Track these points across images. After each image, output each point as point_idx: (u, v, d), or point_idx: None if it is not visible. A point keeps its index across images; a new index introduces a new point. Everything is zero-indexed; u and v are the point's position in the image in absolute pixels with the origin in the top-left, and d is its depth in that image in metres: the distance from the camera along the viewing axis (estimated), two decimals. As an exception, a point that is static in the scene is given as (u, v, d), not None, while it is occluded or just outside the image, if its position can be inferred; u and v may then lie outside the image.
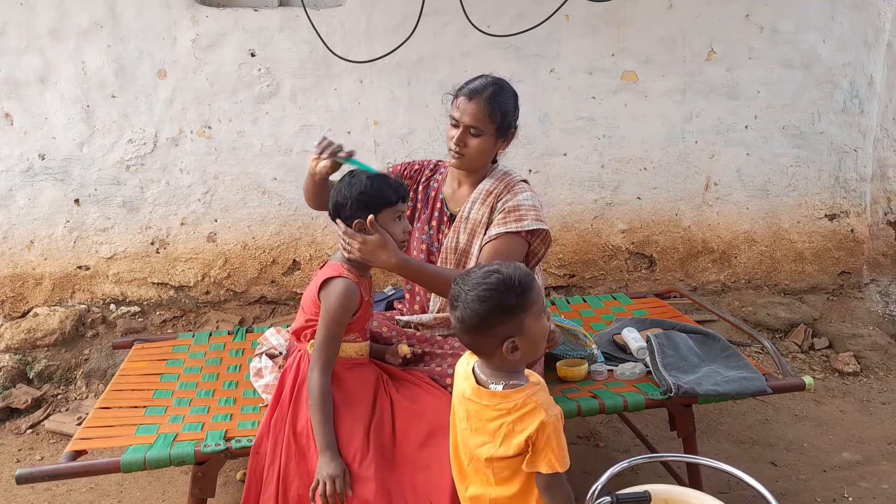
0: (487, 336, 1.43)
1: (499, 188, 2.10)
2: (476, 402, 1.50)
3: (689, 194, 3.66)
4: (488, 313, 1.41)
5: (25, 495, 2.49)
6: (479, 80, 2.04)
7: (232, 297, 3.49)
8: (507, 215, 2.04)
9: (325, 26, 3.14)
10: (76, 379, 3.22)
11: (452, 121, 2.03)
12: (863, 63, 3.60)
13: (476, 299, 1.42)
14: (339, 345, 1.81)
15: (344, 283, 1.79)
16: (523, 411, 1.43)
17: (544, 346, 1.52)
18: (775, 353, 2.34)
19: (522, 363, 1.50)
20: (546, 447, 1.41)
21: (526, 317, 1.43)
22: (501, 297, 1.41)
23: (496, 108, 1.99)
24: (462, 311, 1.44)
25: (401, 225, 1.88)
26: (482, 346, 1.47)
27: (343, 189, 1.85)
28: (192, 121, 3.26)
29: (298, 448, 1.78)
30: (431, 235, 2.20)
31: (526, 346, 1.44)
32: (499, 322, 1.42)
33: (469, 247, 2.10)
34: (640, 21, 3.40)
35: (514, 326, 1.42)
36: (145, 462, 1.85)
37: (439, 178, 2.23)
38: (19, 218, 3.29)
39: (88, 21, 3.10)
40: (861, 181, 3.77)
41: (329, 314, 1.78)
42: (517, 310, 1.42)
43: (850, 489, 2.49)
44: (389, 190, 1.85)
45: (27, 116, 3.18)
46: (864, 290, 3.84)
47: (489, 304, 1.41)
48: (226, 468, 2.39)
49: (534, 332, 1.45)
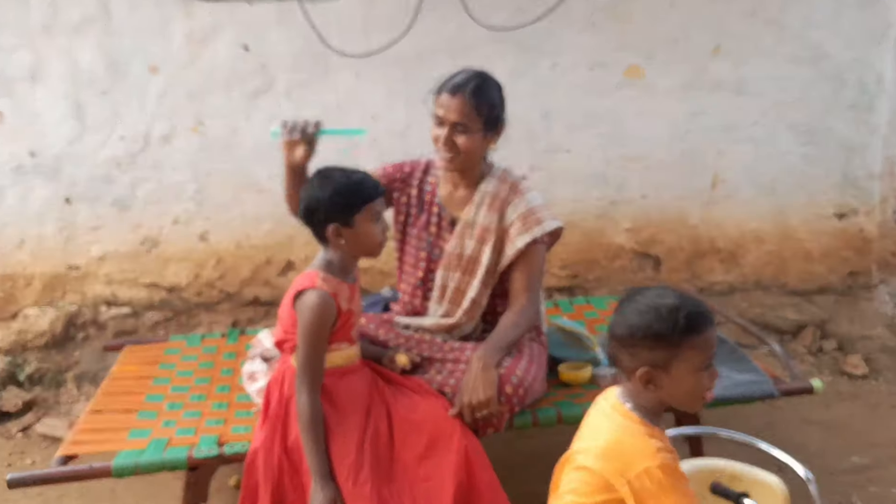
0: (628, 353, 1.34)
1: (504, 191, 2.05)
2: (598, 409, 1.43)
3: (696, 192, 3.61)
4: (635, 329, 1.32)
5: (16, 500, 2.46)
6: (461, 74, 1.98)
7: (225, 299, 3.44)
8: (525, 220, 2.00)
9: (320, 20, 3.09)
10: (67, 382, 3.20)
11: (437, 119, 1.97)
12: (871, 59, 3.55)
13: (635, 309, 1.34)
14: (322, 360, 1.73)
15: (317, 296, 1.70)
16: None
17: (690, 404, 1.39)
18: (784, 356, 2.33)
19: (656, 405, 1.37)
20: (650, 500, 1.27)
21: (678, 356, 1.31)
22: (659, 318, 1.31)
23: (482, 102, 1.94)
24: (617, 315, 1.37)
25: (380, 225, 1.78)
26: (621, 359, 1.38)
27: (313, 191, 1.74)
28: (185, 117, 3.21)
29: (291, 464, 1.74)
30: (431, 242, 2.14)
31: (667, 387, 1.33)
32: (644, 345, 1.32)
33: (478, 254, 2.05)
34: (644, 16, 3.35)
35: (659, 358, 1.31)
36: (137, 467, 1.84)
37: (432, 180, 2.16)
38: (9, 217, 3.24)
39: (80, 16, 3.06)
40: (870, 179, 3.72)
41: (305, 330, 1.70)
42: (668, 341, 1.30)
43: (858, 493, 2.46)
44: (363, 186, 1.74)
45: (17, 113, 3.13)
46: (873, 290, 3.80)
47: (643, 317, 1.32)
48: (219, 473, 2.34)
49: (684, 380, 1.32)
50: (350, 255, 1.79)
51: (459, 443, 1.76)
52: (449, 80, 1.98)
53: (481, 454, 1.79)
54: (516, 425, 1.96)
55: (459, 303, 2.09)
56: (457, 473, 1.72)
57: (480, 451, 1.80)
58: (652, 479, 1.26)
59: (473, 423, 1.81)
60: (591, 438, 1.40)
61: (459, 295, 2.09)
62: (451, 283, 2.09)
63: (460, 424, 1.80)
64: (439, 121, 1.96)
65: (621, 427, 1.35)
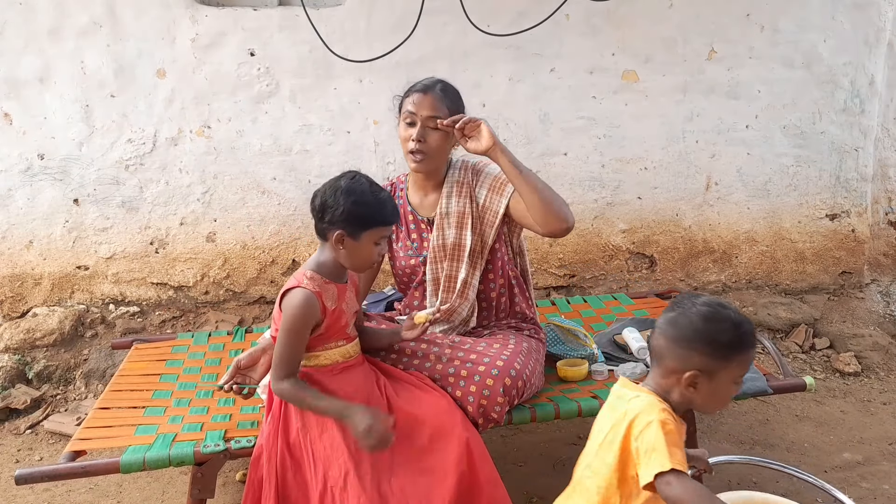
0: (681, 353, 1.36)
1: (467, 177, 2.16)
2: (614, 392, 1.46)
3: (690, 194, 3.66)
4: (699, 334, 1.35)
5: (25, 496, 2.48)
6: (426, 79, 2.11)
7: (231, 298, 3.48)
8: (494, 189, 2.11)
9: (324, 26, 3.13)
10: (75, 379, 3.22)
11: (408, 118, 2.07)
12: (864, 62, 3.59)
13: (700, 314, 1.36)
14: (297, 355, 1.74)
15: (301, 295, 1.71)
16: (633, 395, 1.39)
17: (714, 408, 1.45)
18: (776, 354, 2.34)
19: (682, 404, 1.40)
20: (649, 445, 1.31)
21: (727, 367, 1.36)
22: (723, 330, 1.35)
23: (449, 98, 2.08)
24: (679, 315, 1.38)
25: (379, 248, 1.79)
26: (667, 357, 1.39)
27: (336, 191, 1.74)
28: (192, 120, 3.25)
29: (293, 460, 1.76)
30: (416, 247, 2.21)
31: (705, 392, 1.37)
32: (702, 350, 1.35)
33: (460, 239, 2.12)
34: (641, 20, 3.39)
35: (711, 365, 1.35)
36: (144, 462, 1.84)
37: (401, 194, 2.25)
38: (18, 218, 3.28)
39: (88, 20, 3.10)
40: (862, 181, 3.76)
41: (284, 326, 1.71)
42: (726, 353, 1.35)
43: (850, 490, 2.47)
44: (383, 208, 1.76)
45: (26, 116, 3.17)
46: (864, 290, 3.83)
47: (709, 325, 1.35)
48: (225, 468, 2.38)
49: (721, 388, 1.37)
50: (341, 262, 1.80)
51: (460, 436, 1.78)
52: (415, 84, 2.10)
53: (482, 447, 1.81)
54: (515, 421, 1.99)
55: (453, 289, 2.15)
56: (458, 466, 1.74)
57: (481, 444, 1.82)
58: (650, 429, 1.32)
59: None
60: (606, 419, 1.44)
61: (451, 281, 2.15)
62: (442, 274, 2.15)
63: (461, 418, 1.83)
64: (411, 119, 2.06)
65: (642, 399, 1.39)
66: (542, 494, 2.42)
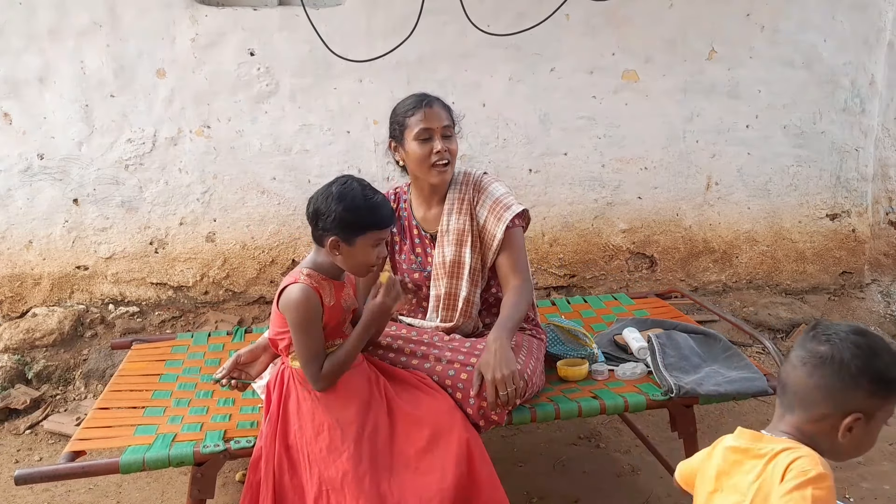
0: (840, 397, 1.15)
1: (468, 193, 2.15)
2: (736, 449, 1.21)
3: (690, 194, 3.66)
4: (864, 371, 1.13)
5: (24, 496, 2.48)
6: (414, 96, 2.13)
7: (231, 298, 3.48)
8: (494, 212, 2.11)
9: (324, 25, 3.12)
10: (75, 379, 3.22)
11: (423, 135, 2.05)
12: (864, 62, 3.60)
13: (860, 347, 1.14)
14: (321, 347, 1.75)
15: (299, 289, 1.71)
16: (781, 448, 1.14)
17: (855, 456, 1.23)
18: (776, 354, 2.34)
19: (832, 453, 1.18)
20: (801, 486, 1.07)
21: (885, 406, 1.16)
22: (890, 364, 1.15)
23: (448, 108, 2.13)
24: (836, 350, 1.15)
25: (377, 251, 1.79)
26: (820, 403, 1.16)
27: (328, 197, 1.73)
28: (191, 120, 3.25)
29: (290, 463, 1.76)
30: (421, 262, 2.21)
31: (858, 437, 1.16)
32: (868, 389, 1.14)
33: (458, 257, 2.13)
34: (641, 20, 3.40)
35: (872, 405, 1.15)
36: (144, 463, 1.84)
37: (405, 206, 2.25)
38: (18, 218, 3.28)
39: (88, 20, 3.10)
40: (862, 181, 3.77)
41: (295, 323, 1.71)
42: (887, 394, 1.16)
43: (851, 490, 2.47)
44: (376, 212, 1.75)
45: (26, 116, 3.17)
46: (865, 290, 3.83)
47: (873, 360, 1.14)
48: (225, 469, 2.37)
49: (874, 430, 1.17)
50: (339, 267, 1.80)
51: (460, 436, 1.77)
52: (412, 103, 2.09)
53: (482, 449, 1.81)
54: (515, 421, 1.99)
55: (454, 307, 2.16)
56: (457, 466, 1.74)
57: (481, 445, 1.81)
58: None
59: (494, 403, 1.82)
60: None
61: (452, 299, 2.16)
62: (443, 291, 2.15)
63: (461, 418, 1.83)
64: (427, 135, 2.05)
65: (800, 452, 1.13)
66: (542, 494, 2.42)
